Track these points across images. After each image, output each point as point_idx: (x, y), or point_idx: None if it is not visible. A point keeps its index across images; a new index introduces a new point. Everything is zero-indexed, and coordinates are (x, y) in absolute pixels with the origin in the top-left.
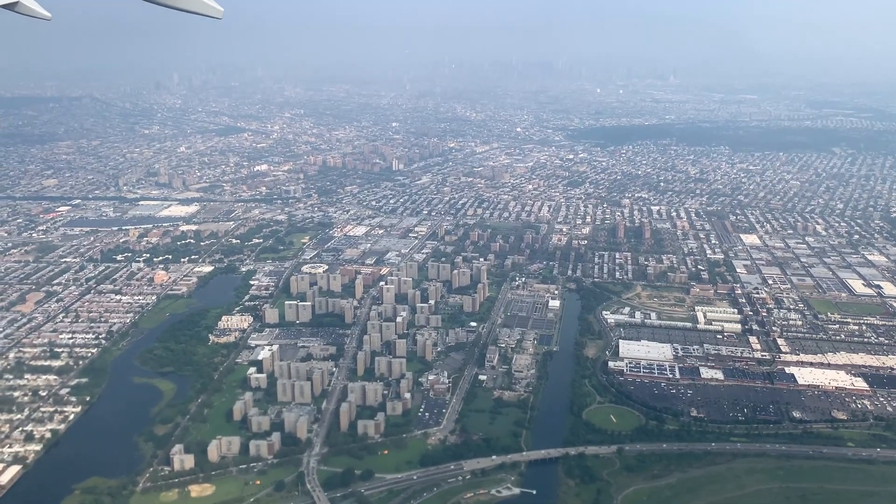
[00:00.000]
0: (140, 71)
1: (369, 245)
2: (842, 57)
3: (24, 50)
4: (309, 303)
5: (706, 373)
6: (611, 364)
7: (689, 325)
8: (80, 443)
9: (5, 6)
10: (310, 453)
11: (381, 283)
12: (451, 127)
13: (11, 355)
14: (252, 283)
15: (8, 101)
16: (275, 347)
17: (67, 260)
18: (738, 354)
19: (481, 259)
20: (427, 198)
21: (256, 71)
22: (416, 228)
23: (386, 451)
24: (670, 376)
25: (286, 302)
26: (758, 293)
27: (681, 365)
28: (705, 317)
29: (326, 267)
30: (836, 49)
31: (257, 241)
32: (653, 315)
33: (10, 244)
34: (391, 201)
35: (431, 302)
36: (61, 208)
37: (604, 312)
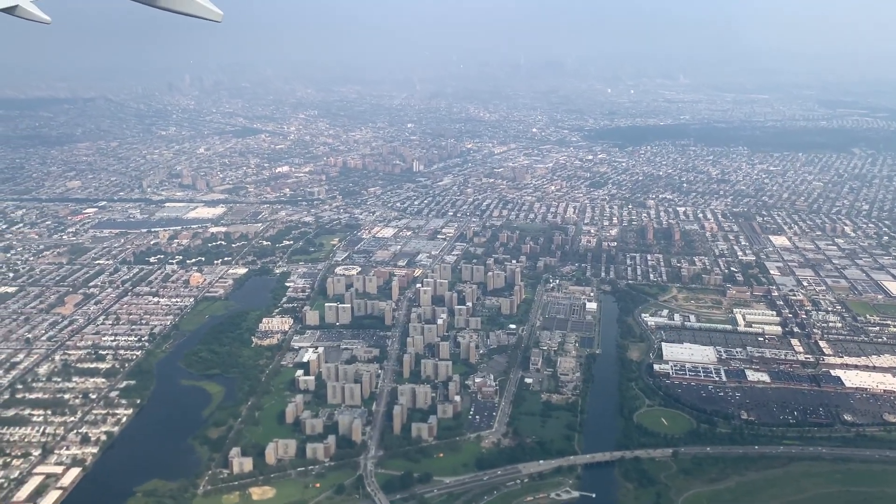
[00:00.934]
0: (149, 72)
1: (399, 247)
2: (846, 55)
3: (31, 51)
4: (348, 305)
5: (752, 375)
6: (656, 367)
7: (728, 327)
8: (136, 445)
9: (4, 10)
10: (366, 456)
11: (418, 285)
12: (466, 128)
13: (57, 357)
14: (287, 284)
15: (22, 103)
16: (320, 349)
17: (101, 262)
18: (782, 357)
19: (513, 261)
20: (451, 199)
21: (266, 71)
22: (444, 230)
23: (441, 454)
24: (716, 379)
25: (326, 304)
26: (794, 295)
27: (725, 368)
28: (744, 319)
29: (359, 269)
30: (840, 47)
31: (288, 242)
32: (692, 317)
33: (41, 246)
34: (415, 203)
35: (469, 304)
36: (88, 210)
37: (642, 315)
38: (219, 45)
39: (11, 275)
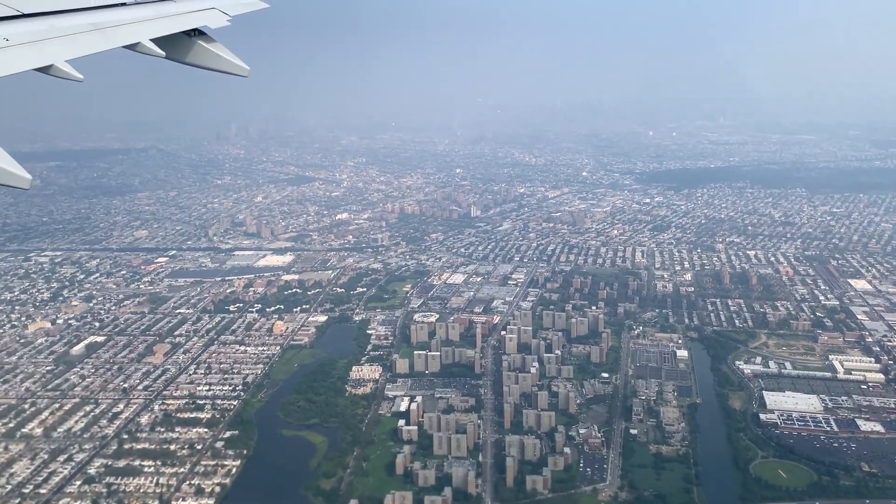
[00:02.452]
0: (192, 123)
1: (472, 293)
2: (886, 93)
3: (70, 106)
4: (437, 353)
5: (864, 425)
6: (762, 416)
7: (828, 374)
8: (250, 498)
9: (39, 70)
10: None
11: (503, 332)
12: (514, 172)
13: (156, 407)
14: (369, 332)
15: (77, 154)
16: (418, 399)
17: (181, 311)
18: (892, 405)
19: (593, 307)
20: (514, 244)
21: (308, 121)
22: (514, 276)
23: None
24: (827, 429)
25: (415, 352)
26: (889, 341)
27: (834, 417)
28: (842, 366)
29: (437, 315)
30: (878, 85)
31: (361, 289)
32: (787, 365)
33: (121, 295)
34: (479, 248)
35: (557, 352)
36: (159, 259)
37: (736, 362)
38: (252, 97)
39: (97, 324)
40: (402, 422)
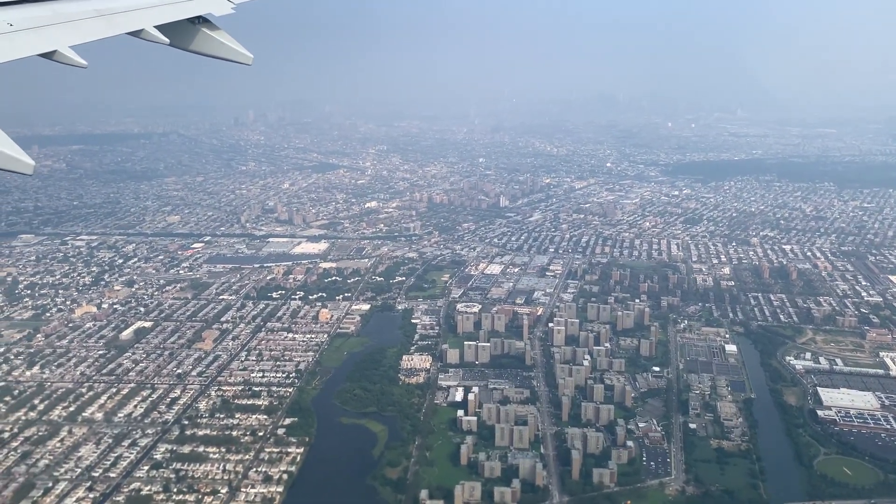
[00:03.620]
0: (206, 108)
1: (512, 284)
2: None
3: (80, 91)
4: (488, 344)
5: None
6: (819, 413)
7: (881, 371)
8: (317, 485)
9: (43, 55)
10: (550, 501)
11: (550, 324)
12: (537, 162)
13: (213, 393)
14: (414, 321)
15: (99, 138)
16: (475, 389)
17: (225, 297)
18: None
19: (637, 301)
20: (547, 235)
21: (324, 107)
22: (551, 267)
23: (629, 502)
24: (887, 426)
25: (464, 342)
26: None
27: (893, 415)
28: (895, 363)
29: (480, 306)
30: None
31: (400, 278)
32: (838, 361)
33: (161, 281)
34: (512, 239)
35: (606, 345)
36: (195, 245)
37: (786, 357)
38: (263, 85)
39: (142, 309)
40: (460, 412)
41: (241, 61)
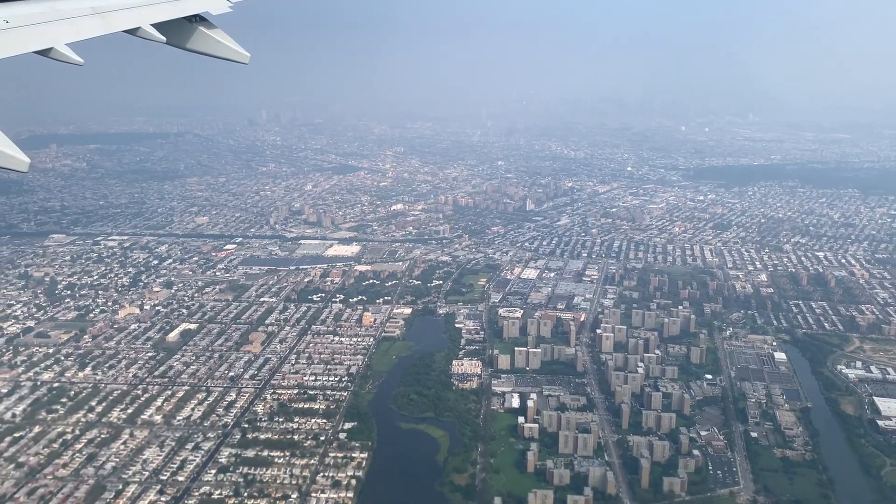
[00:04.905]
0: (215, 108)
1: (550, 289)
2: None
3: (78, 89)
4: (538, 350)
5: None
6: (880, 423)
7: None
8: (386, 491)
9: (39, 53)
10: None
11: (597, 330)
12: (556, 165)
13: (268, 397)
14: (458, 325)
15: (114, 137)
16: (533, 396)
17: (265, 300)
18: None
19: (679, 307)
20: (577, 240)
21: (335, 108)
22: (587, 272)
23: None
24: None
25: (515, 348)
26: None
27: None
28: None
29: (521, 311)
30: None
31: (437, 282)
32: (890, 370)
33: (200, 282)
34: (543, 243)
35: (657, 352)
36: (228, 246)
37: (837, 366)
38: (266, 85)
39: (185, 311)
40: (521, 419)
41: (238, 60)
